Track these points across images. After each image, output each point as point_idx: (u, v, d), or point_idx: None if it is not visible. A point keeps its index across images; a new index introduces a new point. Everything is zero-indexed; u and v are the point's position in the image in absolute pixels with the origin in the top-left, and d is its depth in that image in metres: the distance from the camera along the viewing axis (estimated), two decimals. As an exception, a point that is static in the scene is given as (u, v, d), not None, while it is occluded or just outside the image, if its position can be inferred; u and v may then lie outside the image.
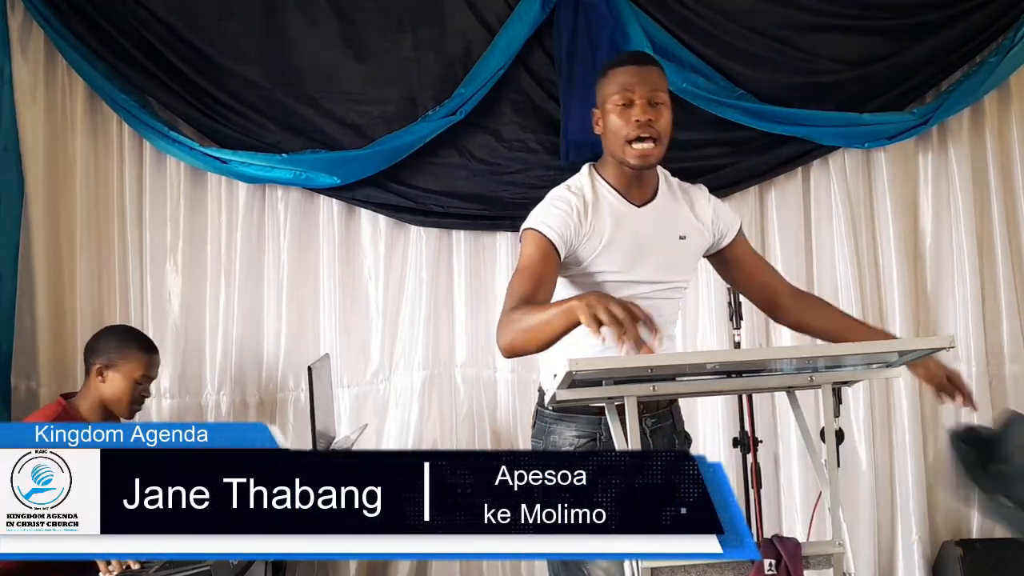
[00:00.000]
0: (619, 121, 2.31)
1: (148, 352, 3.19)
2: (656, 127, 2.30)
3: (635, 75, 2.35)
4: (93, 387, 3.10)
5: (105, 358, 3.10)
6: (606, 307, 1.82)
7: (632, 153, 2.30)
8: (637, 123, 2.29)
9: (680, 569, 1.78)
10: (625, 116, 2.30)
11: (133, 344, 3.16)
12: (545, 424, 2.42)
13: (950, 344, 1.82)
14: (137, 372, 3.12)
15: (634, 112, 2.30)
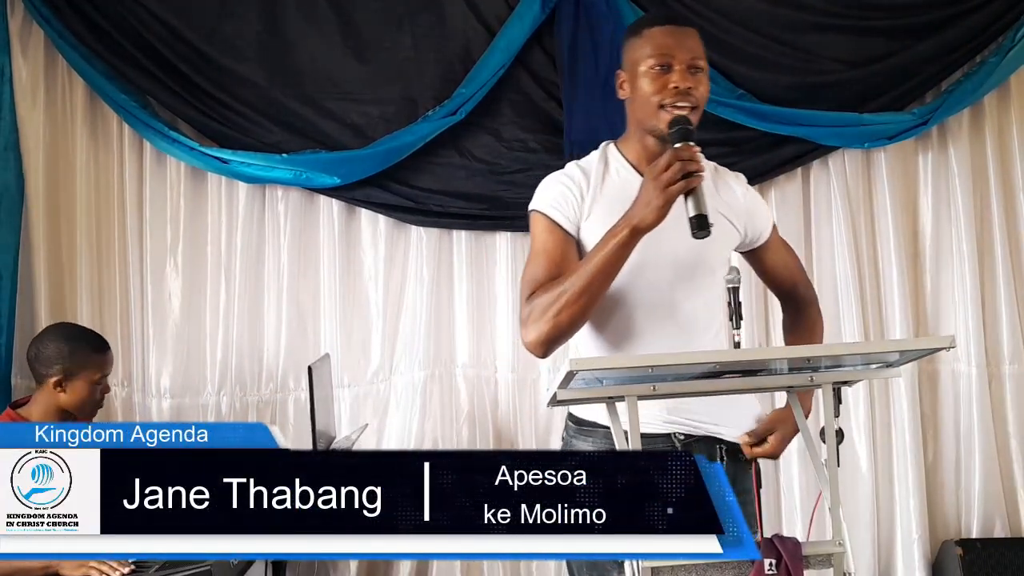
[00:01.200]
0: (653, 86, 2.09)
1: (103, 352, 3.03)
2: (695, 95, 2.10)
3: (674, 36, 2.14)
4: (49, 397, 2.92)
5: (60, 369, 2.91)
6: (663, 177, 1.86)
7: (666, 117, 2.06)
8: (675, 90, 2.08)
9: (680, 569, 1.78)
10: (661, 81, 2.09)
11: (86, 348, 2.99)
12: (568, 437, 2.30)
13: (950, 344, 1.81)
14: (96, 376, 2.96)
15: (672, 78, 2.09)
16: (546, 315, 2.01)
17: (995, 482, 3.80)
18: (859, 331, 3.78)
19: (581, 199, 2.16)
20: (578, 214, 2.15)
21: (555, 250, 2.11)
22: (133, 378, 3.80)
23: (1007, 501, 3.80)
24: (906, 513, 3.79)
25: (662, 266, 2.13)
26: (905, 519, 3.79)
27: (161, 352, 3.82)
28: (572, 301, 2.00)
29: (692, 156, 1.94)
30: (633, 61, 2.15)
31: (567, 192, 2.16)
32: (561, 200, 2.15)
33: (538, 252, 2.13)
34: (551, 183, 2.20)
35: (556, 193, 2.17)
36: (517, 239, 3.84)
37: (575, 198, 2.15)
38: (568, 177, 2.19)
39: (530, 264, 2.13)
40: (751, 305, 3.76)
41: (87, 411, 3.01)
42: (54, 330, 3.13)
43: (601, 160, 2.23)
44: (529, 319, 2.04)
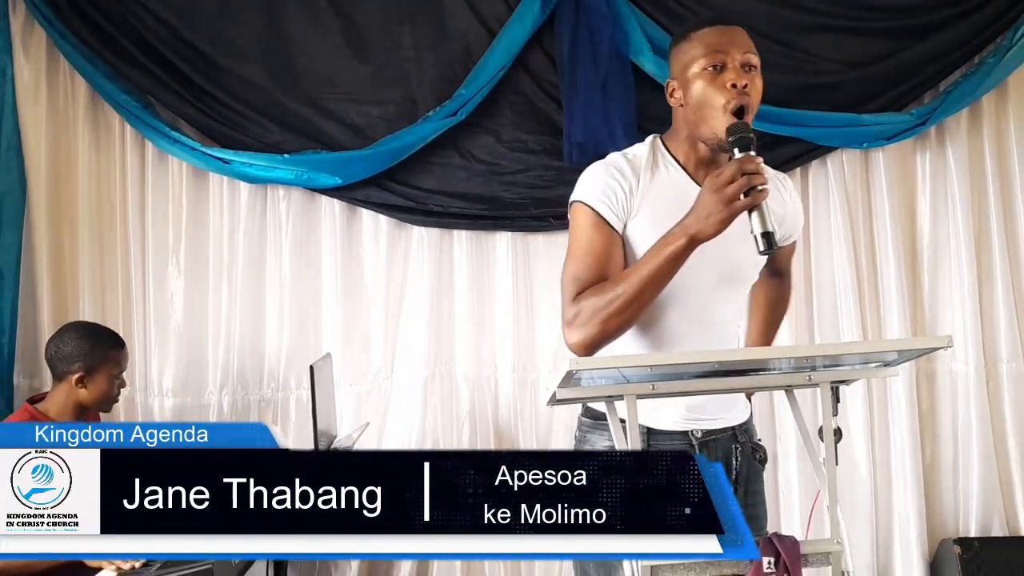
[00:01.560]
0: (710, 88, 2.02)
1: (121, 347, 3.15)
2: (751, 95, 2.05)
3: (726, 35, 2.10)
4: (69, 393, 3.00)
5: (81, 366, 3.00)
6: (728, 190, 1.84)
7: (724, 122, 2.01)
8: (734, 89, 2.02)
9: (680, 568, 1.78)
10: (719, 82, 2.02)
11: (106, 344, 3.09)
12: (582, 433, 2.26)
13: (948, 344, 1.81)
14: (116, 370, 3.08)
15: (728, 76, 2.03)
16: (594, 319, 1.98)
17: (993, 481, 3.81)
18: (857, 330, 3.79)
19: (630, 195, 2.08)
20: (626, 211, 2.08)
21: (601, 249, 2.05)
22: (135, 377, 3.80)
23: (1005, 500, 3.81)
24: (904, 512, 3.79)
25: (704, 273, 2.08)
26: (903, 518, 3.80)
27: (163, 352, 3.83)
28: (623, 308, 1.97)
29: (757, 169, 1.90)
30: (684, 65, 2.09)
31: (616, 186, 2.07)
32: (610, 194, 2.07)
33: (583, 249, 2.05)
34: (599, 174, 2.10)
35: (604, 186, 2.08)
36: (517, 239, 3.84)
37: (624, 193, 2.08)
38: (617, 171, 2.09)
39: (574, 261, 2.06)
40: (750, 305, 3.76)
41: (105, 405, 3.10)
42: (73, 327, 3.18)
43: (650, 155, 2.15)
44: (576, 320, 2.00)
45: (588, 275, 2.03)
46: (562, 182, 3.75)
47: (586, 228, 2.06)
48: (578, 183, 2.13)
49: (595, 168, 2.12)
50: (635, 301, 1.97)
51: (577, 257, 2.06)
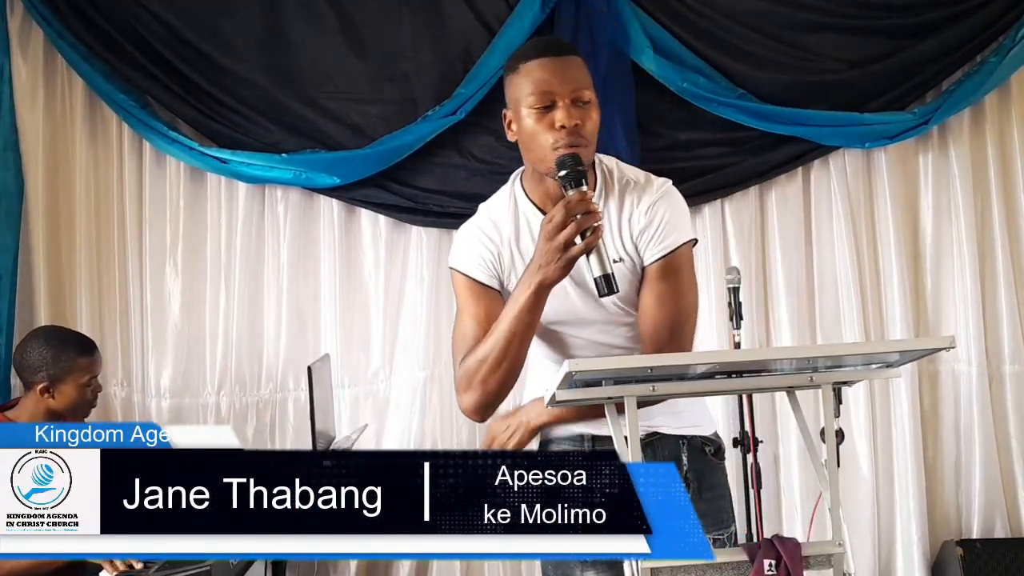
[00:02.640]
0: (538, 127, 1.94)
1: (89, 353, 2.99)
2: (584, 133, 1.94)
3: (553, 69, 1.95)
4: (37, 402, 2.89)
5: (45, 375, 2.88)
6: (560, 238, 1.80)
7: (553, 158, 1.93)
8: (563, 130, 1.92)
9: (680, 569, 1.77)
10: (547, 121, 1.93)
11: (70, 352, 2.93)
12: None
13: (950, 344, 1.81)
14: (84, 378, 2.93)
15: (557, 116, 1.93)
16: (474, 382, 2.00)
17: (995, 482, 3.80)
18: (859, 331, 3.78)
19: (499, 256, 2.09)
20: (500, 268, 2.09)
21: (479, 309, 2.06)
22: (133, 378, 3.79)
23: (1007, 501, 3.80)
24: (906, 513, 3.79)
25: (573, 322, 2.08)
26: (905, 519, 3.79)
27: (161, 352, 3.82)
28: (495, 367, 1.98)
29: (587, 208, 1.85)
30: (514, 99, 2.00)
31: (484, 251, 2.09)
32: (478, 259, 2.09)
33: (463, 312, 2.09)
34: (467, 240, 2.12)
35: (472, 252, 2.10)
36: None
37: (493, 255, 2.09)
38: (484, 234, 2.10)
39: (457, 325, 2.11)
40: (751, 305, 3.76)
41: (79, 413, 3.00)
42: (37, 335, 3.08)
43: (511, 207, 2.12)
44: (461, 386, 2.04)
45: (470, 337, 2.05)
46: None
47: (463, 292, 2.10)
48: (452, 246, 2.17)
49: (465, 233, 2.14)
50: (504, 358, 1.97)
51: (459, 321, 2.10)
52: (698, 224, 3.87)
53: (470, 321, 2.07)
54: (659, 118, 3.79)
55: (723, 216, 3.87)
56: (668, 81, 3.67)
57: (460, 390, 2.05)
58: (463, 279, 2.11)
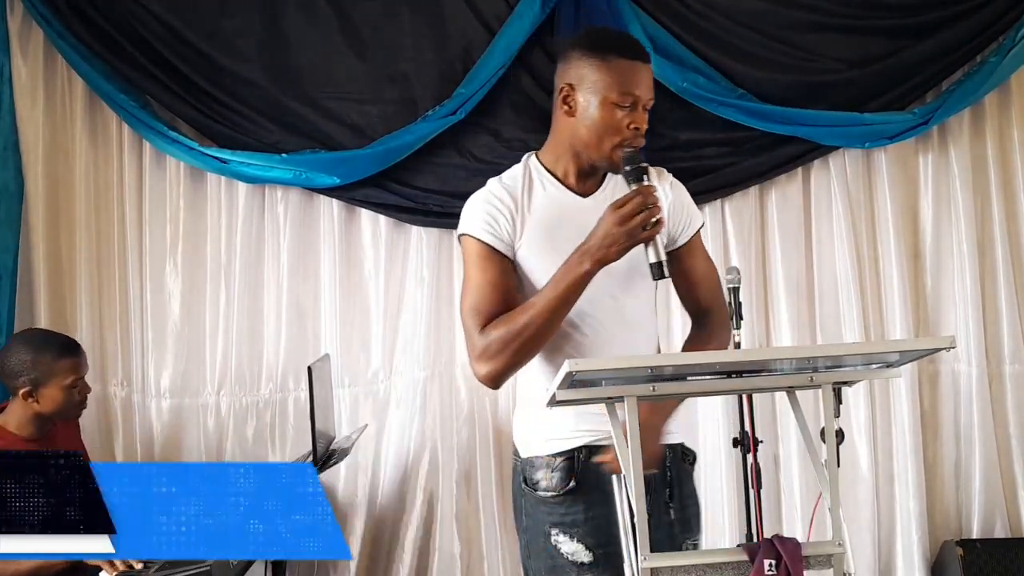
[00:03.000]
0: (611, 122, 2.10)
1: (71, 355, 2.96)
2: (642, 134, 2.13)
3: (641, 74, 2.12)
4: (23, 408, 2.89)
5: (26, 380, 2.86)
6: (632, 223, 1.92)
7: (618, 158, 2.09)
8: (635, 131, 2.10)
9: (680, 569, 1.77)
10: (621, 119, 2.09)
11: (50, 355, 2.91)
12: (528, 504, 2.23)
13: (950, 344, 1.81)
14: (67, 380, 2.91)
15: (636, 118, 2.10)
16: (506, 351, 2.04)
17: (995, 482, 3.80)
18: (859, 331, 3.78)
19: (511, 219, 2.15)
20: (511, 235, 2.15)
21: (496, 278, 2.11)
22: (133, 379, 3.79)
23: (1007, 501, 3.80)
24: (906, 513, 3.79)
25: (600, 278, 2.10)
26: (905, 519, 3.79)
27: (161, 352, 3.82)
28: (533, 337, 2.04)
29: (656, 202, 2.01)
30: (592, 84, 2.11)
31: (497, 214, 2.14)
32: (492, 222, 2.14)
33: (479, 281, 2.12)
34: (479, 205, 2.16)
35: (486, 215, 2.15)
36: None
37: (506, 219, 2.15)
38: (496, 198, 2.16)
39: (471, 293, 2.12)
40: (751, 305, 3.76)
41: (67, 415, 3.00)
42: (17, 340, 3.07)
43: (525, 176, 2.21)
44: (485, 353, 2.06)
45: (488, 306, 2.08)
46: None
47: (477, 259, 2.13)
48: (461, 215, 2.19)
49: (475, 199, 2.19)
50: (544, 329, 2.04)
51: (474, 289, 2.12)
52: (698, 224, 3.87)
53: (487, 288, 2.10)
54: (659, 118, 3.77)
55: (723, 216, 3.87)
56: (668, 81, 3.66)
57: (482, 358, 2.06)
58: (476, 245, 2.14)
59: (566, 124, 2.17)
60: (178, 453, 3.78)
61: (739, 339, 3.48)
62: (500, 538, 3.78)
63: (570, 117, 2.15)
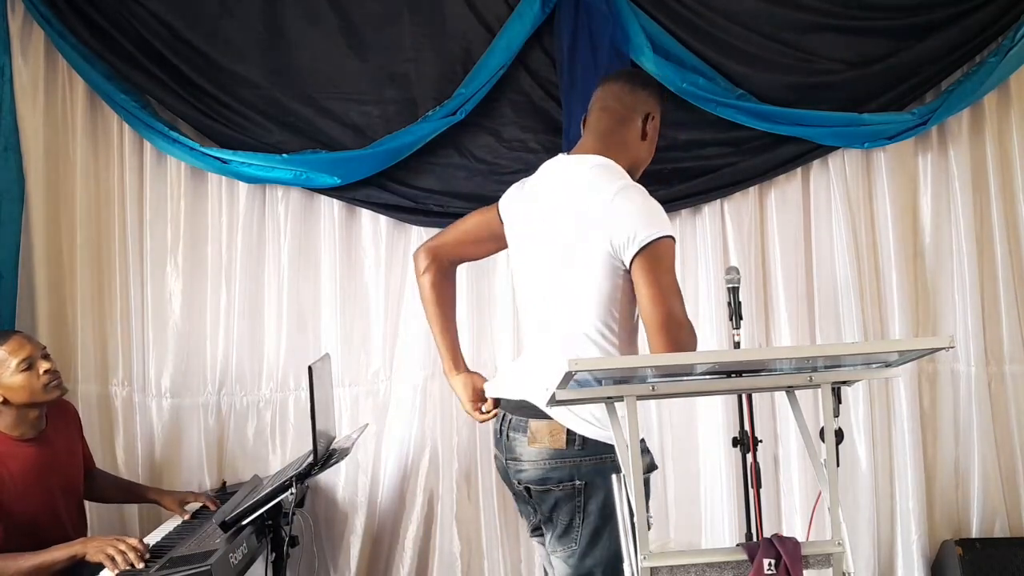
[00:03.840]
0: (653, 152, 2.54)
1: (13, 338, 3.01)
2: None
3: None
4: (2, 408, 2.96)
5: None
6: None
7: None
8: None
9: (680, 569, 1.78)
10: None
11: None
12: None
13: (950, 344, 1.82)
14: (17, 361, 2.94)
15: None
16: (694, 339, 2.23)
17: (994, 482, 3.81)
18: (859, 331, 3.78)
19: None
20: None
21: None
22: (133, 378, 3.79)
23: (1007, 500, 3.81)
24: (906, 513, 3.79)
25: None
26: (905, 519, 3.79)
27: (161, 352, 3.82)
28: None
29: None
30: (659, 122, 2.52)
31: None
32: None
33: (677, 287, 2.23)
34: (658, 206, 2.29)
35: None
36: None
37: None
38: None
39: (678, 298, 2.21)
40: (751, 305, 3.76)
41: (39, 398, 2.98)
42: None
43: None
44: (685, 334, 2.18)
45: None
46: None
47: (674, 265, 2.24)
48: (649, 213, 2.24)
49: (651, 200, 2.28)
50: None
51: (678, 294, 2.22)
52: (698, 224, 3.88)
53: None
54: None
55: (723, 216, 3.87)
56: (668, 81, 3.67)
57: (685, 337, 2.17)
58: (673, 249, 2.26)
59: (636, 144, 2.48)
60: (178, 453, 3.79)
61: (738, 339, 3.48)
62: (500, 538, 3.78)
63: (643, 140, 2.48)
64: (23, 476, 2.93)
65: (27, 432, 2.98)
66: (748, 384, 2.02)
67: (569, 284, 2.28)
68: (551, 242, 2.36)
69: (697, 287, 3.85)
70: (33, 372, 2.96)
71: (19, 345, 2.98)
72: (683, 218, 3.88)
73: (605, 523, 2.21)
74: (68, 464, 3.15)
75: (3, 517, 2.85)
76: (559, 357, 1.81)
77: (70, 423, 3.23)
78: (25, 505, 2.91)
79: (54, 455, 3.06)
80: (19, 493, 2.90)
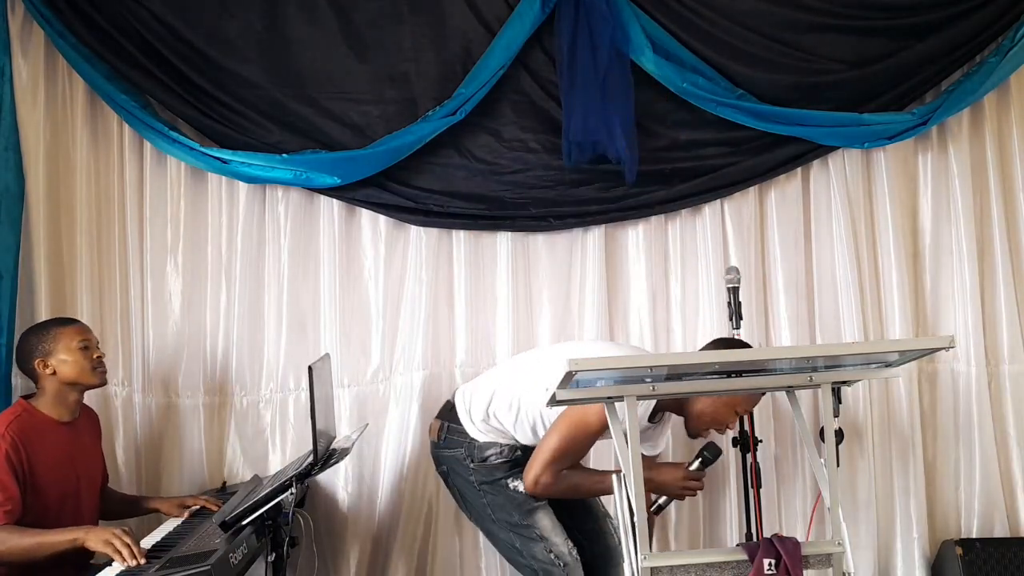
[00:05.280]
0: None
1: (69, 324, 3.17)
2: None
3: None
4: (47, 382, 3.06)
5: (38, 353, 3.06)
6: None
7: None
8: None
9: (680, 569, 1.78)
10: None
11: (49, 326, 3.15)
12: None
13: (949, 344, 1.82)
14: (74, 341, 3.08)
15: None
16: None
17: (994, 482, 3.81)
18: (859, 331, 3.79)
19: None
20: None
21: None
22: (133, 378, 3.79)
23: (1007, 500, 3.81)
24: (906, 513, 3.79)
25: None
26: (905, 519, 3.80)
27: (161, 352, 3.82)
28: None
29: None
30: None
31: None
32: None
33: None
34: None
35: None
36: (517, 239, 3.84)
37: None
38: None
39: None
40: (751, 305, 3.76)
41: (87, 379, 3.11)
42: (23, 333, 3.24)
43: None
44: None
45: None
46: (562, 182, 3.74)
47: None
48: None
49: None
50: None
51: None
52: (698, 224, 3.88)
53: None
54: (659, 118, 3.79)
55: (723, 216, 3.87)
56: (668, 81, 3.67)
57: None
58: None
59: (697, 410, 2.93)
60: (178, 453, 3.78)
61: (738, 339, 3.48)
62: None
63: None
64: (56, 456, 2.99)
65: (64, 415, 3.08)
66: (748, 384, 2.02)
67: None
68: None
69: (697, 287, 3.85)
70: (88, 353, 3.11)
71: (82, 328, 3.17)
72: (683, 218, 3.88)
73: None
74: (92, 458, 3.24)
75: (34, 491, 2.90)
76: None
77: (94, 428, 3.32)
78: (54, 484, 2.97)
79: (82, 446, 3.16)
80: (51, 471, 2.96)
